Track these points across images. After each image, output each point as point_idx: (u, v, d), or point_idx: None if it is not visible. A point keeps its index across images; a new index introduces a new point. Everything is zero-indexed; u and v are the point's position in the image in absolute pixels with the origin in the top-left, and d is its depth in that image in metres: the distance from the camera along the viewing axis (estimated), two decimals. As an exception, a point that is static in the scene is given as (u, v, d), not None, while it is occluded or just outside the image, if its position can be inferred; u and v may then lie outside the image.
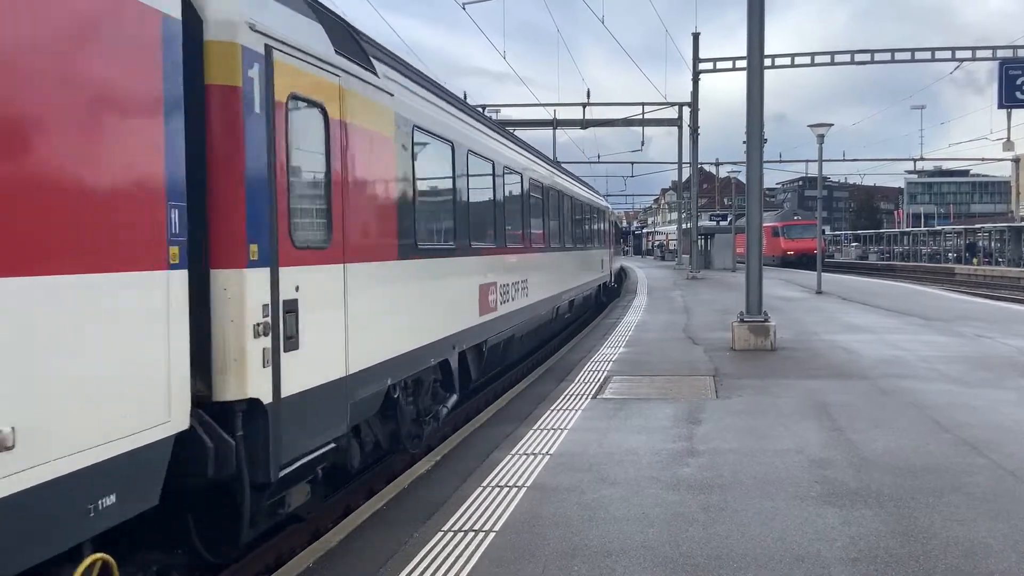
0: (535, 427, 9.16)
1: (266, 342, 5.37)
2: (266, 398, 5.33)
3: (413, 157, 8.53)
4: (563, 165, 35.70)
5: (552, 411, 10.01)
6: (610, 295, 31.15)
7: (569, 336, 20.65)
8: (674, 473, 7.26)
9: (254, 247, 5.33)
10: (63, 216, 3.83)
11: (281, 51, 5.66)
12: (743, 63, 16.49)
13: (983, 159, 68.07)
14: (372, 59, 7.78)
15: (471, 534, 5.86)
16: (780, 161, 71.71)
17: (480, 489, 6.92)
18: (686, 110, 43.60)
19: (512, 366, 15.60)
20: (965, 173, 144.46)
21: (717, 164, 70.77)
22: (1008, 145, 40.58)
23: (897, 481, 6.91)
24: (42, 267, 3.71)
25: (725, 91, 41.41)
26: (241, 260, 5.22)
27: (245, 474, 5.20)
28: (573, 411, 9.98)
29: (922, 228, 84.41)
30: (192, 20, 4.96)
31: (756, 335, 15.03)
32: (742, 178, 36.13)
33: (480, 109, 29.68)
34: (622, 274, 43.86)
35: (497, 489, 6.90)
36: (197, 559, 5.54)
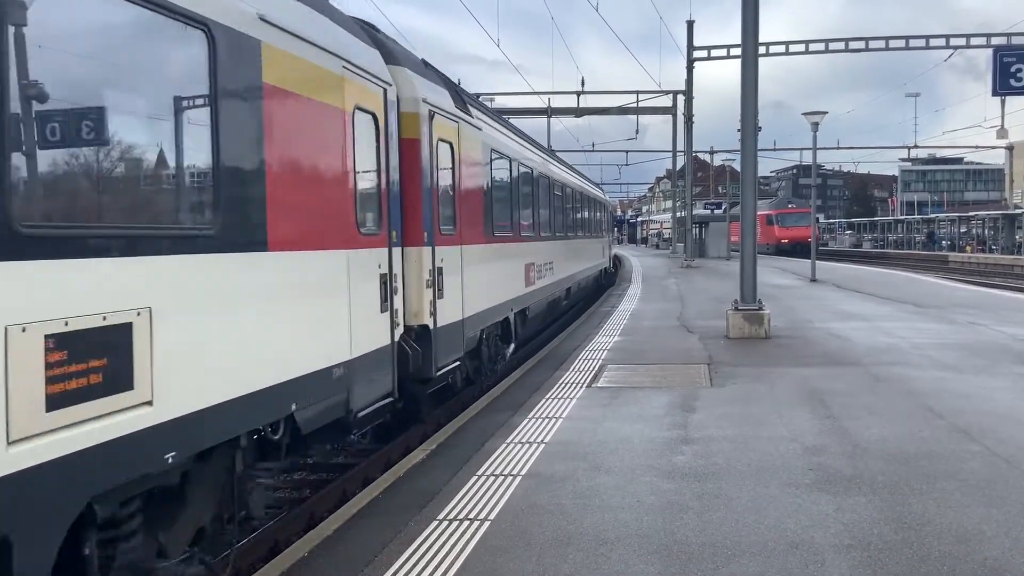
0: (530, 415, 9.17)
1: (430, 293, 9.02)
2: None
3: (491, 170, 12.49)
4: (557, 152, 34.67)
5: (547, 399, 10.02)
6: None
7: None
8: (668, 461, 7.27)
9: (425, 235, 8.98)
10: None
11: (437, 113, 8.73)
12: (737, 51, 16.46)
13: (977, 147, 68.19)
14: (469, 106, 11.73)
15: (466, 522, 5.87)
16: (774, 149, 71.68)
17: (475, 478, 6.92)
18: (680, 98, 43.57)
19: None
20: (959, 161, 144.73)
21: (711, 152, 70.84)
22: (1002, 133, 40.59)
23: (891, 468, 6.94)
24: None
25: (720, 78, 41.22)
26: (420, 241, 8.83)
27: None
28: (568, 399, 9.99)
29: (916, 216, 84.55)
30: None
31: (750, 323, 15.05)
32: (736, 166, 35.94)
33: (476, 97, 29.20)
34: (617, 263, 43.83)
35: (492, 478, 6.91)
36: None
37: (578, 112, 43.82)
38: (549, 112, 43.64)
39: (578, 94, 43.00)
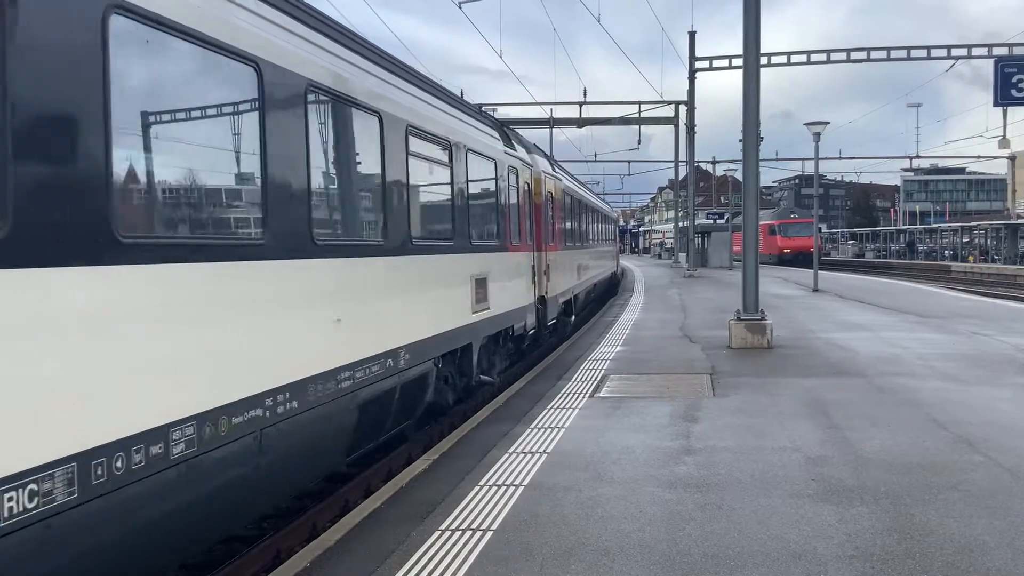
0: (532, 425, 9.16)
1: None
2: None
3: (564, 202, 19.74)
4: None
5: (549, 409, 10.02)
6: None
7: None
8: (671, 471, 7.27)
9: (543, 245, 16.11)
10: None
11: None
12: (739, 61, 16.50)
13: (979, 157, 68.15)
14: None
15: (469, 533, 5.87)
16: (777, 159, 71.79)
17: (477, 488, 6.92)
18: (683, 108, 43.70)
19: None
20: (961, 171, 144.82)
21: (714, 162, 70.89)
22: (1004, 143, 40.63)
23: (894, 478, 6.93)
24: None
25: (723, 88, 41.22)
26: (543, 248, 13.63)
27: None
28: (570, 409, 9.99)
29: (918, 226, 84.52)
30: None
31: (753, 333, 15.05)
32: (739, 176, 36.01)
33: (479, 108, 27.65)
34: (621, 273, 43.74)
35: (495, 488, 6.91)
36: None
37: (580, 122, 43.93)
38: (551, 122, 43.75)
39: (580, 104, 43.15)
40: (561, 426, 9.10)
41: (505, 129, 15.36)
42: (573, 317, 21.30)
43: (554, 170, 19.09)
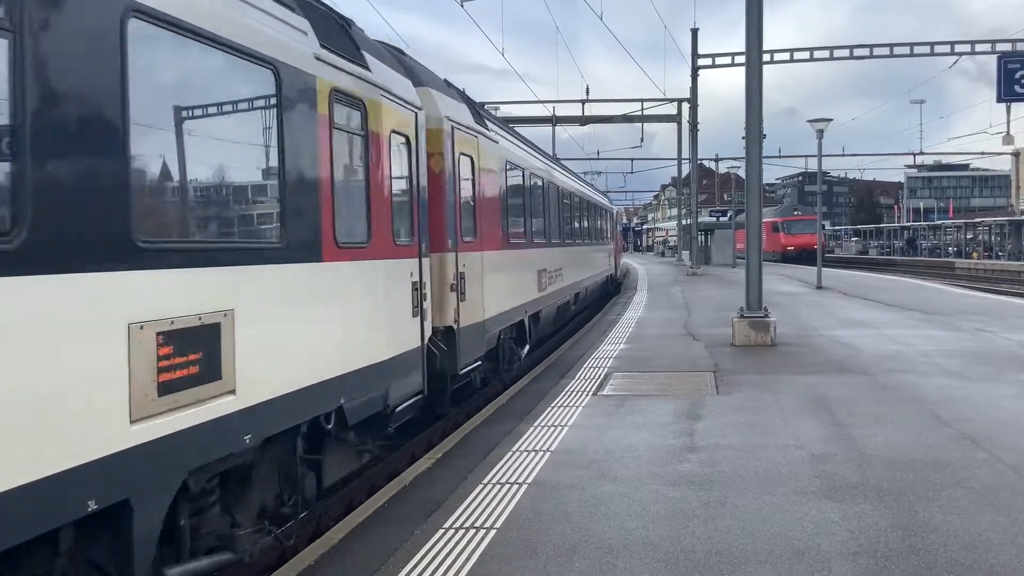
0: (536, 424, 9.17)
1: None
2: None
3: (507, 178, 13.28)
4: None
5: (553, 408, 10.02)
6: None
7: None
8: (674, 469, 7.27)
9: (449, 243, 9.81)
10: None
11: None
12: (742, 59, 16.49)
13: (983, 153, 68.03)
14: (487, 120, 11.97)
15: (472, 531, 5.88)
16: (779, 156, 71.79)
17: (481, 486, 6.93)
18: (685, 106, 43.68)
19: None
20: (965, 167, 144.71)
21: (717, 160, 70.74)
22: (1008, 139, 40.53)
23: (897, 475, 6.93)
24: None
25: (725, 86, 41.13)
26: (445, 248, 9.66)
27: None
28: (574, 408, 9.99)
29: (922, 223, 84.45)
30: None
31: (756, 331, 15.04)
32: (742, 173, 35.85)
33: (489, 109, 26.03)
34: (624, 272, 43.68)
35: (498, 486, 6.92)
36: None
37: (583, 120, 43.96)
38: (554, 121, 43.75)
39: (583, 102, 43.18)
40: (564, 424, 9.11)
41: (350, 29, 7.94)
42: (527, 348, 14.68)
43: (481, 124, 12.25)
